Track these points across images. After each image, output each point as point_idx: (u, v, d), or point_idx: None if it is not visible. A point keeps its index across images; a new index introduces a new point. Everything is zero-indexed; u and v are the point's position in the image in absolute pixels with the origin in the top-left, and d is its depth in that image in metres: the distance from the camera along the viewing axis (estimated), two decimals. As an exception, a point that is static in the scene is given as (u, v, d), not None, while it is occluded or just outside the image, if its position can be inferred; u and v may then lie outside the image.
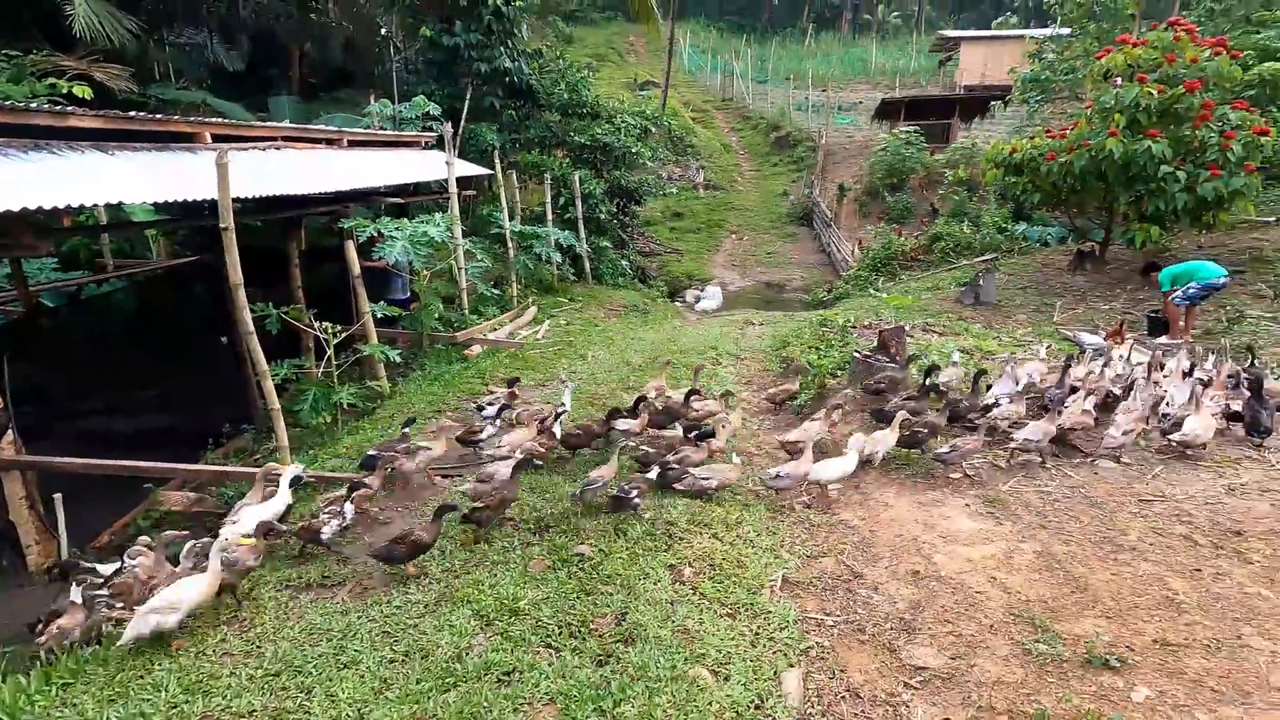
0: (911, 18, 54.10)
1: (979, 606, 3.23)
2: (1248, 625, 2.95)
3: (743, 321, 11.83)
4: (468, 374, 7.69)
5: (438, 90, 14.89)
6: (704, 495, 4.39)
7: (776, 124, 34.27)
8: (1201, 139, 9.68)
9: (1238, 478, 4.52)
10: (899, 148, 22.76)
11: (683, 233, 22.98)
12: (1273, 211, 11.59)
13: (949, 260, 14.10)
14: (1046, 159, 10.75)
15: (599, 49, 46.58)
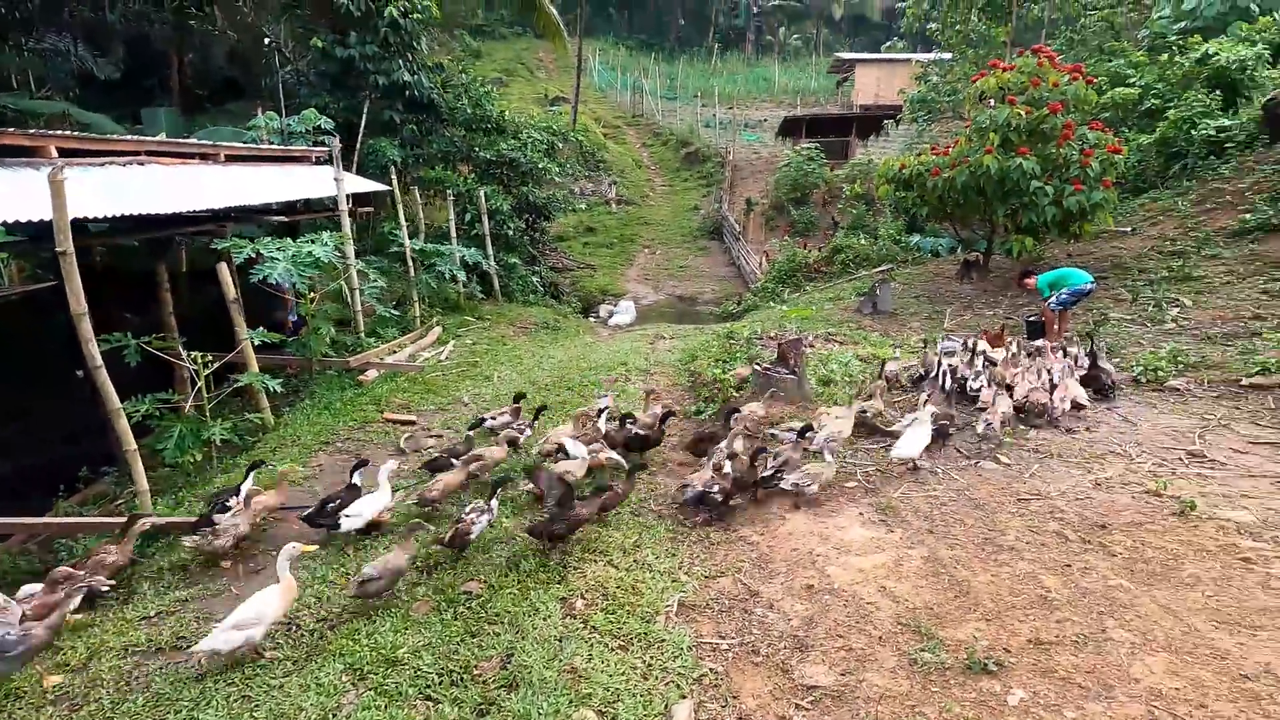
0: (811, 40, 56.67)
1: (869, 618, 3.25)
2: (1111, 618, 3.08)
3: (653, 336, 11.84)
4: (361, 401, 7.27)
5: (332, 103, 14.25)
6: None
7: (686, 140, 34.96)
8: (1065, 156, 10.50)
9: (1103, 472, 4.81)
10: (801, 164, 23.67)
11: (596, 248, 22.95)
12: (1129, 222, 12.67)
13: (849, 271, 14.68)
14: (932, 175, 11.38)
15: (508, 64, 46.24)
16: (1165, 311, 9.23)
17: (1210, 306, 9.12)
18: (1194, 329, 8.51)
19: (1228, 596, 3.20)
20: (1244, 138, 12.38)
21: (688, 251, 22.97)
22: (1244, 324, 8.29)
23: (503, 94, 40.89)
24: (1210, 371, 6.93)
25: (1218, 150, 12.64)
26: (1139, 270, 10.93)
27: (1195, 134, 12.93)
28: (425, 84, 15.01)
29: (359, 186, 10.61)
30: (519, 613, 3.33)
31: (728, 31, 57.38)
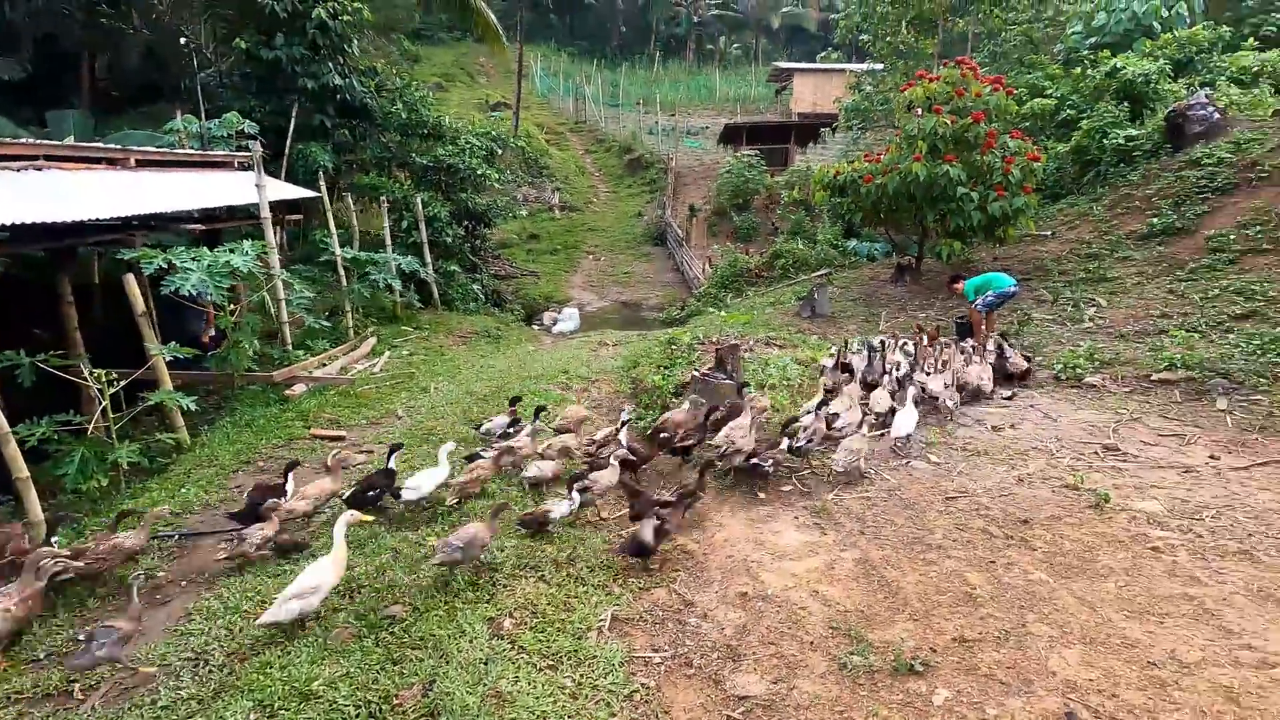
0: (750, 50, 57.68)
1: (801, 624, 3.24)
2: (1031, 613, 3.16)
3: (597, 343, 11.75)
4: (287, 417, 6.94)
5: (258, 107, 13.71)
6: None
7: (629, 147, 35.07)
8: (988, 164, 10.94)
9: (1026, 468, 4.98)
10: (742, 170, 24.03)
11: (539, 254, 22.74)
12: (1049, 226, 13.28)
13: (789, 276, 14.93)
14: (865, 181, 11.68)
15: (448, 69, 45.53)
16: (1083, 311, 9.69)
17: (1123, 306, 9.62)
18: (1109, 328, 8.95)
19: (1138, 586, 3.32)
20: (1150, 146, 13.14)
21: (632, 258, 22.99)
22: (1153, 322, 8.77)
23: (442, 99, 40.27)
24: (1124, 368, 7.28)
25: (1127, 158, 13.38)
26: (1059, 272, 11.45)
27: (1107, 143, 13.66)
28: (358, 88, 14.59)
29: (284, 193, 10.20)
30: (444, 636, 3.19)
31: (669, 39, 57.89)
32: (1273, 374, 6.50)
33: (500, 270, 20.39)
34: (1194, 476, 4.65)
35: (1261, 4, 25.08)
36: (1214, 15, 21.10)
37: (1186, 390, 6.49)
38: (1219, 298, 8.96)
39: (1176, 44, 16.37)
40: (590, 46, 56.25)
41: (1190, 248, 10.60)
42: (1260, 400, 6.07)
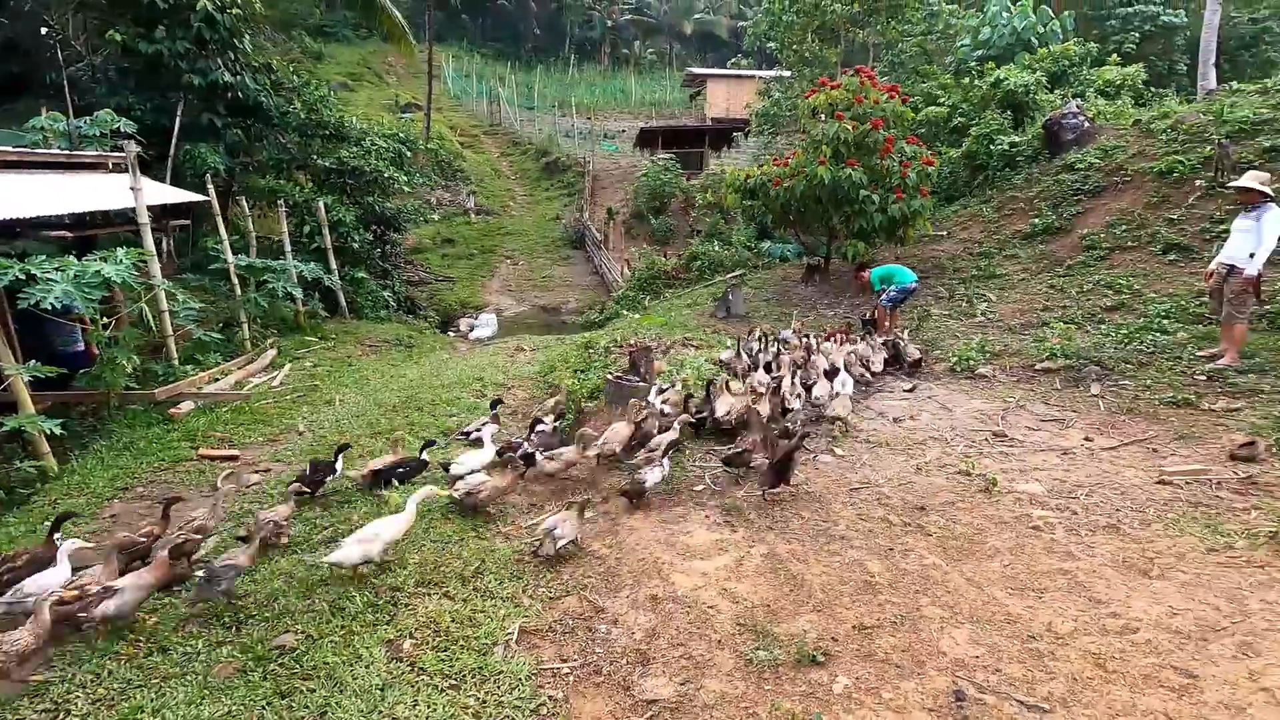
0: (665, 55, 58.41)
1: (710, 622, 3.26)
2: (925, 596, 3.30)
3: (514, 349, 11.56)
4: (171, 438, 6.44)
5: (137, 104, 12.72)
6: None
7: (546, 150, 34.79)
8: (887, 167, 11.47)
9: (924, 457, 5.22)
10: (658, 174, 24.28)
11: (455, 260, 22.19)
12: (944, 227, 14.08)
13: (705, 277, 15.16)
14: (774, 184, 12.02)
15: (354, 68, 43.86)
16: (976, 306, 10.30)
17: (1011, 300, 10.29)
18: (999, 321, 9.55)
19: (1020, 564, 3.53)
20: (1030, 152, 14.15)
21: (551, 261, 22.79)
22: (1037, 315, 9.42)
23: (348, 100, 38.74)
24: (1011, 358, 7.78)
25: (1011, 163, 14.35)
26: (954, 270, 12.14)
27: (993, 149, 14.61)
28: (251, 85, 13.77)
29: (166, 196, 9.49)
30: (339, 663, 3.01)
31: (583, 43, 57.83)
32: (1138, 360, 7.10)
33: (413, 276, 19.77)
34: (1071, 458, 5.00)
35: (1121, 24, 27.52)
36: (1083, 33, 23.00)
37: (1065, 378, 6.99)
38: (1092, 291, 9.72)
39: (1051, 58, 17.70)
40: (503, 48, 55.47)
41: (1068, 246, 11.46)
42: (1127, 385, 6.61)
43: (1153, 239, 10.28)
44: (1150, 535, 3.80)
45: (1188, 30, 27.24)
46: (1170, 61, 26.73)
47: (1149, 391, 6.33)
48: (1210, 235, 9.73)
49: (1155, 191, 10.97)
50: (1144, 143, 12.22)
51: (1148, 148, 11.99)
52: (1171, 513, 4.07)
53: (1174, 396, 6.04)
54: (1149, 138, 12.29)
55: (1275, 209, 6.47)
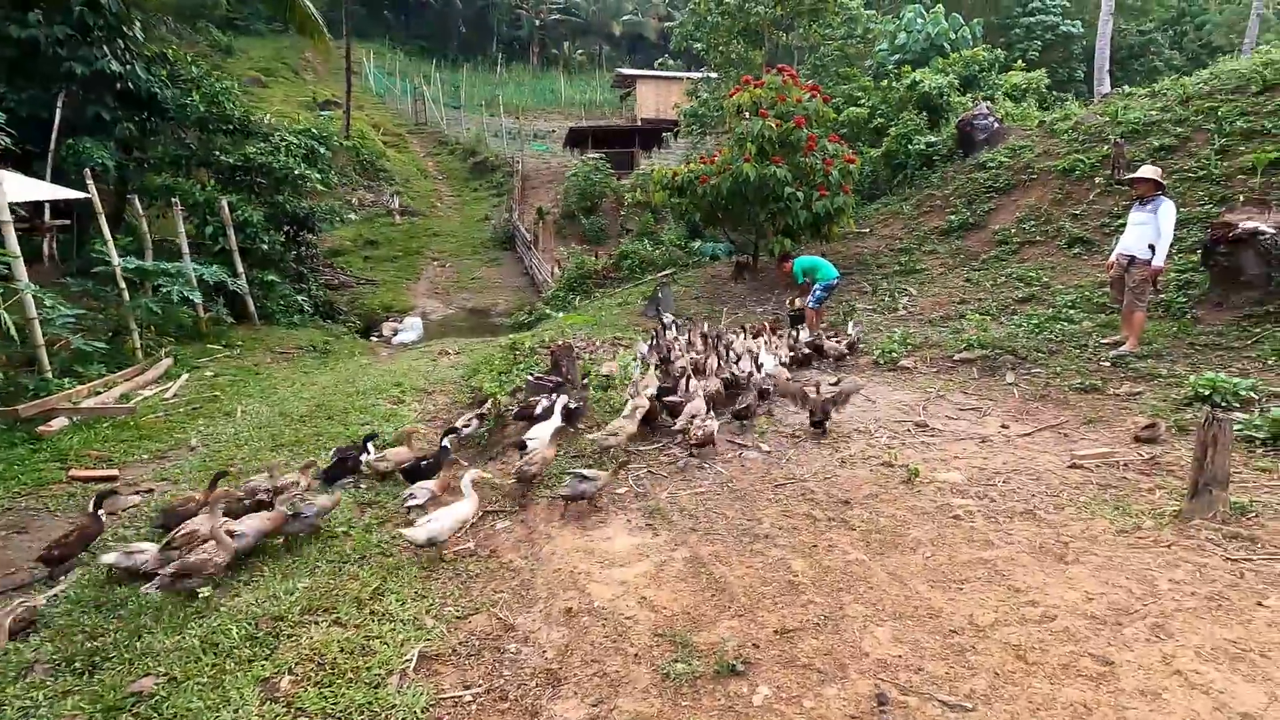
0: (595, 56, 58.16)
1: (627, 635, 3.05)
2: (848, 594, 3.19)
3: (438, 352, 11.09)
4: (39, 458, 5.77)
5: (10, 94, 11.59)
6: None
7: (474, 149, 33.99)
8: (811, 165, 11.60)
9: (848, 450, 5.18)
10: (588, 174, 24.04)
11: (379, 262, 21.32)
12: (867, 225, 14.40)
13: (636, 277, 15.03)
14: (700, 182, 11.98)
15: (268, 63, 41.89)
16: (898, 300, 10.52)
17: (930, 294, 10.56)
18: (919, 315, 9.77)
19: (942, 555, 3.48)
20: (945, 152, 14.65)
21: (480, 262, 22.20)
22: (955, 307, 9.67)
23: (262, 96, 36.96)
24: (931, 350, 7.93)
25: (928, 162, 14.83)
26: (876, 266, 12.40)
27: (911, 148, 15.06)
28: (142, 76, 12.77)
29: (36, 193, 8.63)
30: (203, 709, 2.65)
31: (511, 42, 56.94)
32: (1048, 349, 7.33)
33: (333, 280, 18.85)
34: (989, 446, 5.06)
35: (1025, 33, 29.04)
36: (990, 40, 24.10)
37: (982, 367, 7.15)
38: (1005, 284, 10.07)
39: (963, 62, 18.42)
40: (429, 46, 54.02)
41: (982, 241, 11.87)
42: (1039, 372, 6.81)
43: (1058, 233, 10.75)
44: (1064, 519, 3.83)
45: (1084, 40, 29.03)
46: (1070, 69, 28.42)
47: (1059, 378, 6.53)
48: (1109, 229, 10.24)
49: (1059, 188, 11.49)
50: (1048, 143, 12.81)
51: (1052, 147, 12.57)
52: (1084, 496, 4.13)
53: (1082, 383, 6.24)
54: (1052, 138, 12.89)
55: (1169, 201, 6.79)
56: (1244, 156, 9.71)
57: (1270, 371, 5.83)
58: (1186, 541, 3.42)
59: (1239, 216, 7.21)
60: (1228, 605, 2.83)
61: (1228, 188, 9.57)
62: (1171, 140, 10.95)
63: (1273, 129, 9.88)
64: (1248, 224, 7.06)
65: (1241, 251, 7.13)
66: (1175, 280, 8.10)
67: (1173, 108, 11.69)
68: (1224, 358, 6.42)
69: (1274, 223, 7.02)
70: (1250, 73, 11.34)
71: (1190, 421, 4.98)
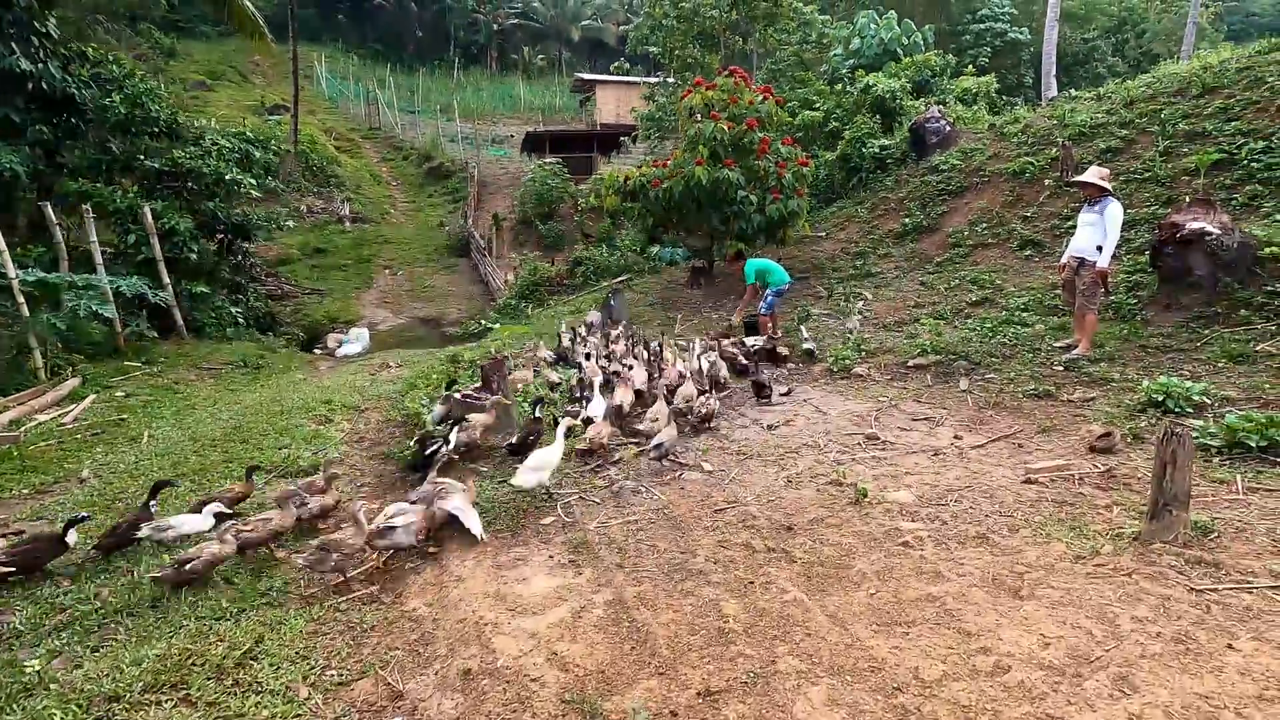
0: (555, 61, 57.68)
1: (530, 702, 2.65)
2: (783, 643, 2.84)
3: (379, 365, 10.54)
4: (-103, 496, 5.12)
5: (-102, 93, 10.74)
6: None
7: (429, 155, 33.23)
8: (764, 168, 11.35)
9: (795, 467, 4.86)
10: (545, 178, 23.57)
11: (327, 271, 20.52)
12: (823, 228, 14.25)
13: (591, 283, 14.63)
14: (653, 186, 11.65)
15: (214, 66, 40.63)
16: (853, 305, 10.30)
17: (885, 299, 10.37)
18: (875, 320, 9.55)
19: (888, 592, 3.15)
20: (899, 155, 14.60)
21: (433, 270, 21.55)
22: (909, 312, 9.49)
23: (207, 100, 35.75)
24: (886, 356, 7.69)
25: (883, 165, 14.76)
26: (832, 270, 12.22)
27: (865, 152, 14.98)
28: (58, 76, 11.95)
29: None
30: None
31: (469, 46, 56.20)
32: (1001, 354, 7.14)
33: (277, 290, 18.04)
34: (941, 459, 4.78)
35: (975, 39, 29.53)
36: (942, 46, 24.39)
37: (936, 374, 6.92)
38: (959, 288, 9.93)
39: (915, 67, 18.50)
40: (384, 50, 53.02)
41: (936, 243, 11.77)
42: (993, 378, 6.60)
43: (1010, 235, 10.69)
44: (1019, 544, 3.54)
45: (1031, 47, 29.64)
46: (1018, 74, 28.99)
47: (1012, 384, 6.33)
48: (1059, 231, 10.20)
49: (1010, 191, 11.45)
50: (999, 145, 12.82)
51: (1002, 150, 12.57)
52: (1039, 515, 3.86)
53: (1035, 389, 6.04)
54: (1003, 141, 12.90)
55: (1115, 203, 6.66)
56: (1188, 158, 9.76)
57: (1221, 375, 5.69)
58: (1148, 569, 3.15)
59: (1185, 217, 7.13)
60: (1196, 649, 2.55)
61: (1173, 189, 9.60)
62: (1117, 142, 10.99)
63: (1213, 131, 9.95)
64: (1194, 224, 6.98)
65: (1189, 252, 7.05)
66: (1125, 282, 8.02)
67: (1118, 110, 11.76)
68: (1175, 360, 6.29)
69: (1219, 223, 6.95)
70: (1190, 76, 11.47)
71: (1145, 430, 4.78)
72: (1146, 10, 35.31)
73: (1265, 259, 6.90)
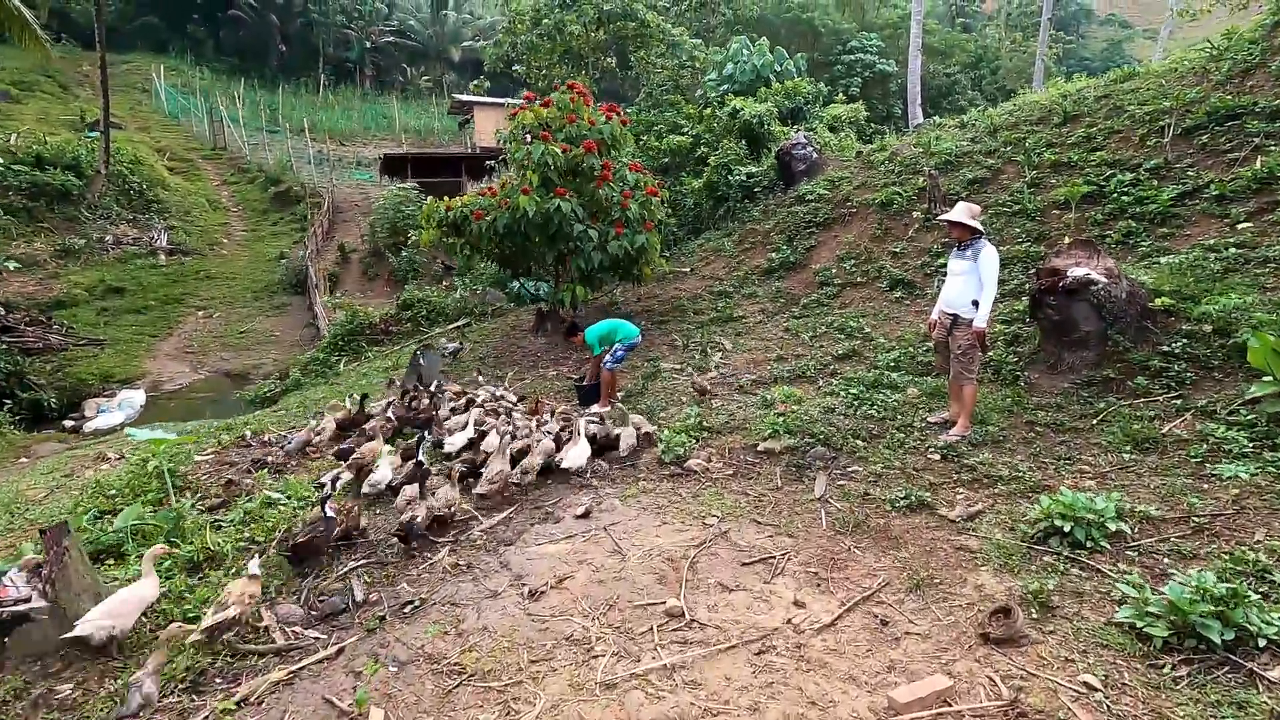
0: (440, 82, 54.90)
1: None
2: None
3: (95, 456, 7.91)
4: None
5: None
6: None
7: (279, 178, 29.82)
8: (606, 198, 9.71)
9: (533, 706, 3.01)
10: (399, 204, 21.16)
11: (120, 314, 17.11)
12: (688, 263, 12.82)
13: (423, 330, 12.46)
14: (475, 217, 9.74)
15: (26, 75, 35.47)
16: (710, 359, 8.74)
17: (746, 349, 8.91)
18: (730, 377, 8.01)
19: None
20: (767, 183, 13.47)
21: (258, 311, 18.53)
22: (770, 367, 8.02)
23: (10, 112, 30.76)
24: (733, 436, 6.09)
25: (750, 194, 13.57)
26: (694, 312, 10.72)
27: (732, 179, 13.77)
28: None
29: None
30: None
31: (341, 64, 52.62)
32: (868, 433, 5.70)
33: (38, 342, 14.59)
34: (767, 664, 3.08)
35: (846, 70, 29.80)
36: (815, 75, 24.13)
37: (788, 465, 5.36)
38: (825, 335, 8.62)
39: (784, 92, 17.71)
40: (243, 65, 48.62)
41: (803, 281, 10.54)
42: (856, 471, 5.10)
43: (879, 274, 9.56)
44: None
45: (898, 79, 30.26)
46: (888, 105, 29.46)
47: (879, 484, 4.84)
48: (930, 269, 9.15)
49: (878, 223, 10.41)
50: (866, 174, 11.87)
51: (870, 179, 11.61)
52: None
53: (907, 495, 4.54)
54: (870, 169, 11.97)
55: (989, 248, 5.39)
56: (1056, 189, 8.96)
57: (1129, 474, 4.41)
58: None
59: (1067, 261, 6.00)
60: None
61: (1043, 223, 8.74)
62: (983, 172, 10.18)
63: (1078, 161, 9.24)
64: (1078, 271, 5.84)
65: (1073, 304, 5.90)
66: (1003, 333, 6.87)
67: (982, 139, 11.05)
68: (1069, 444, 5.02)
69: (1105, 270, 5.85)
70: (1051, 104, 10.91)
71: (1055, 594, 3.29)
72: (999, 48, 37.40)
73: (1155, 311, 5.85)
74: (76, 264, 19.48)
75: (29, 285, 17.82)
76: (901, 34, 32.46)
